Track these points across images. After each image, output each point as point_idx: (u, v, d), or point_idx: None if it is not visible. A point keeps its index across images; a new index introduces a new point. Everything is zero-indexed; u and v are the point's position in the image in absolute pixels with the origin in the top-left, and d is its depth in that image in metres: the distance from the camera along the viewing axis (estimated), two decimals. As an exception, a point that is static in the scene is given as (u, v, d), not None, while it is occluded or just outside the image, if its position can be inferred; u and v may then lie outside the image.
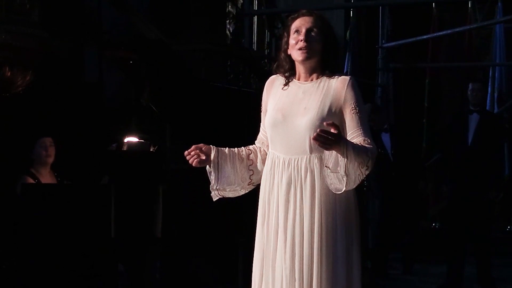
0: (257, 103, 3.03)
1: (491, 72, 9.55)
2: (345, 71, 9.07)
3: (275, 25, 9.90)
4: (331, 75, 2.85)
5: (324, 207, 2.77)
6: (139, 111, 4.72)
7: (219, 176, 2.93)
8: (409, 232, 7.37)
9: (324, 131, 2.60)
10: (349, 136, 2.77)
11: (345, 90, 2.80)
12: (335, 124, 2.63)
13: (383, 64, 9.54)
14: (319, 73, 2.87)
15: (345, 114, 2.79)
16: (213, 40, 7.74)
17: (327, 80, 2.84)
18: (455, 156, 6.07)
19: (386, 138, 6.85)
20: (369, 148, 2.73)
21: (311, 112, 2.79)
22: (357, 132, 2.78)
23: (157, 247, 4.42)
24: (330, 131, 2.61)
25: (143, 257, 4.38)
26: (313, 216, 2.76)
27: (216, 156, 2.91)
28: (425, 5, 9.94)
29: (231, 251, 4.52)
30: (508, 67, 9.50)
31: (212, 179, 2.94)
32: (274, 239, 2.84)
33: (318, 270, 2.74)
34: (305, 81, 2.89)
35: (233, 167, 2.93)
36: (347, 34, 9.80)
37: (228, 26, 9.14)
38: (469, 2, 9.63)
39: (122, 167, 4.37)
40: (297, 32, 2.86)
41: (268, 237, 2.87)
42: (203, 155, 2.91)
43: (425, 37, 9.42)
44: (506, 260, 7.51)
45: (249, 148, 3.01)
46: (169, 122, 4.49)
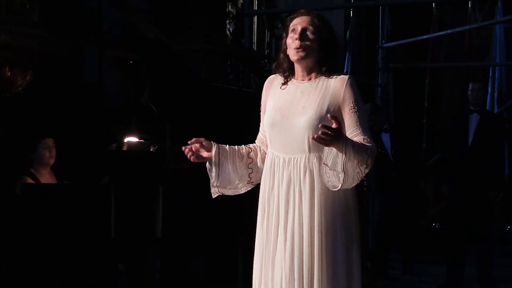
0: (257, 103, 3.03)
1: (491, 72, 9.56)
2: (345, 71, 9.07)
3: (275, 25, 9.91)
4: (329, 74, 2.84)
5: (324, 206, 2.76)
6: (139, 111, 4.72)
7: (219, 173, 2.92)
8: (409, 232, 7.37)
9: (325, 127, 2.60)
10: (348, 135, 2.76)
11: (344, 89, 2.79)
12: (337, 118, 2.63)
13: (383, 64, 9.54)
14: (317, 72, 2.86)
15: (343, 113, 2.79)
16: (213, 40, 7.75)
17: (325, 79, 2.84)
18: (455, 156, 6.07)
19: (386, 138, 6.84)
20: (368, 147, 2.73)
21: (309, 112, 2.79)
22: (356, 131, 2.77)
23: (157, 247, 4.42)
24: (330, 127, 2.60)
25: (143, 257, 4.38)
26: (313, 216, 2.76)
27: (217, 153, 2.90)
28: (425, 5, 9.95)
29: (231, 251, 4.52)
30: (508, 67, 9.51)
31: (212, 176, 2.93)
32: (274, 238, 2.84)
33: (319, 270, 2.74)
34: (303, 80, 2.89)
35: (233, 165, 2.92)
36: (347, 34, 9.80)
37: (228, 26, 9.14)
38: (469, 2, 9.64)
39: (122, 167, 4.37)
40: (293, 31, 2.86)
41: (268, 236, 2.86)
42: (203, 151, 2.90)
43: (425, 37, 9.42)
44: (506, 260, 7.51)
45: (249, 146, 3.00)
46: (169, 122, 4.49)
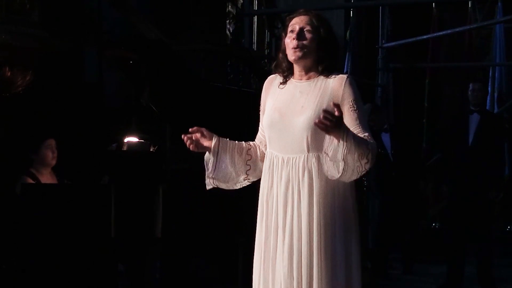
0: (257, 103, 3.03)
1: (491, 72, 9.56)
2: (345, 71, 9.07)
3: (275, 25, 9.91)
4: (328, 74, 2.84)
5: (322, 206, 2.76)
6: (139, 111, 4.72)
7: (217, 165, 2.91)
8: (409, 232, 7.37)
9: (327, 111, 2.59)
10: None
11: (343, 88, 2.78)
12: (339, 106, 2.62)
13: (383, 64, 9.54)
14: (315, 72, 2.86)
15: (343, 112, 2.75)
16: (213, 40, 7.75)
17: (324, 79, 2.83)
18: (455, 156, 6.07)
19: (386, 138, 6.84)
20: (369, 142, 2.72)
21: (308, 111, 2.78)
22: (357, 129, 2.76)
23: (157, 247, 4.42)
24: (332, 113, 2.59)
25: (143, 257, 4.38)
26: (311, 215, 2.76)
27: (216, 144, 2.89)
28: (425, 5, 9.94)
29: (231, 251, 4.52)
30: (508, 67, 9.51)
31: (210, 166, 2.91)
32: (273, 238, 2.84)
33: (318, 269, 2.74)
34: (302, 80, 2.88)
35: (231, 159, 2.91)
36: (347, 34, 9.80)
37: (228, 26, 9.14)
38: (469, 2, 9.64)
39: (122, 167, 4.37)
40: (291, 31, 2.86)
41: (267, 236, 2.86)
42: (204, 140, 2.88)
43: (425, 37, 9.42)
44: (506, 260, 7.51)
45: (249, 143, 3.00)
46: (169, 122, 4.49)
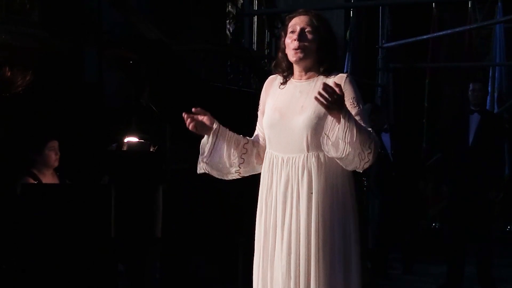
0: (257, 103, 3.03)
1: (491, 72, 9.56)
2: (345, 71, 9.05)
3: (275, 25, 9.91)
4: (328, 74, 2.84)
5: (321, 206, 2.76)
6: (139, 111, 4.72)
7: (213, 151, 2.89)
8: (409, 232, 7.37)
9: (326, 85, 2.58)
10: None
11: (343, 86, 2.75)
12: (341, 88, 2.61)
13: (383, 64, 9.55)
14: (316, 71, 2.86)
15: None
16: (213, 40, 7.75)
17: (324, 78, 2.82)
18: (455, 156, 6.07)
19: (386, 138, 6.84)
20: (371, 132, 2.71)
21: (308, 111, 2.78)
22: None
23: (157, 247, 4.42)
24: (333, 88, 2.58)
25: (143, 257, 4.38)
26: (310, 215, 2.76)
27: (217, 129, 2.88)
28: (425, 5, 9.95)
29: (231, 251, 4.52)
30: (508, 67, 9.51)
31: (205, 151, 2.89)
32: (272, 238, 2.84)
33: (315, 269, 2.74)
34: (302, 80, 2.88)
35: (228, 148, 2.90)
36: (347, 34, 9.81)
37: (228, 26, 9.14)
38: (469, 2, 9.64)
39: (122, 167, 4.37)
40: (292, 32, 2.85)
41: (266, 236, 2.86)
42: (205, 122, 2.86)
43: (425, 37, 9.43)
44: (506, 260, 7.51)
45: (247, 138, 2.98)
46: (169, 122, 4.49)
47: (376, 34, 9.71)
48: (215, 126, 2.87)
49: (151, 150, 4.55)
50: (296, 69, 2.89)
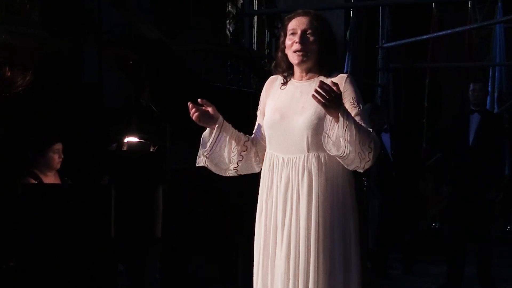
0: (257, 103, 3.03)
1: (491, 72, 9.56)
2: (345, 71, 9.05)
3: (275, 25, 9.91)
4: (328, 74, 2.83)
5: (321, 206, 2.75)
6: (139, 111, 4.71)
7: (214, 145, 2.88)
8: (409, 232, 7.37)
9: (327, 85, 2.57)
10: None
11: (343, 86, 2.76)
12: (338, 85, 2.61)
13: (383, 64, 9.55)
14: (316, 72, 2.85)
15: None
16: (213, 40, 7.75)
17: (324, 79, 2.81)
18: (455, 156, 6.07)
19: (386, 138, 6.84)
20: (371, 132, 2.70)
21: (308, 111, 2.78)
22: None
23: (157, 247, 4.42)
24: (330, 86, 2.58)
25: (143, 257, 4.38)
26: (310, 215, 2.75)
27: (220, 124, 2.87)
28: (425, 5, 9.95)
29: (231, 251, 4.52)
30: (508, 67, 9.51)
31: (206, 145, 2.88)
32: (272, 239, 2.84)
33: (314, 269, 2.73)
34: (302, 80, 2.88)
35: (229, 143, 2.89)
36: (347, 34, 9.80)
37: (228, 26, 9.15)
38: (469, 2, 9.64)
39: (122, 167, 4.36)
40: (292, 33, 2.84)
41: (266, 237, 2.86)
42: (211, 109, 2.85)
43: (425, 37, 9.43)
44: (506, 260, 7.51)
45: (247, 136, 2.97)
46: (169, 122, 4.49)
47: (376, 34, 9.71)
48: (219, 120, 2.86)
49: (151, 150, 4.55)
50: (297, 70, 2.89)
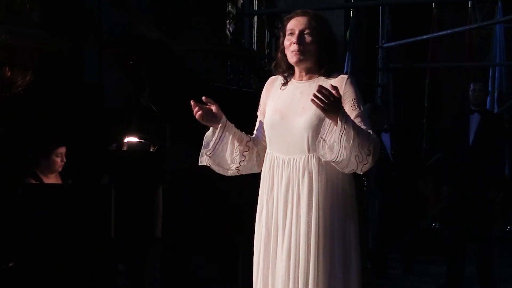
0: (257, 103, 3.03)
1: (491, 72, 9.55)
2: (345, 71, 9.06)
3: (275, 25, 9.91)
4: (329, 74, 2.83)
5: (321, 207, 2.75)
6: (139, 111, 4.71)
7: (217, 145, 2.87)
8: (409, 232, 7.37)
9: (326, 89, 2.57)
10: None
11: (343, 87, 2.76)
12: (338, 90, 2.60)
13: (383, 64, 9.54)
14: (316, 72, 2.85)
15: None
16: (213, 40, 7.75)
17: (325, 80, 2.81)
18: (455, 156, 6.07)
19: (386, 138, 6.84)
20: (371, 134, 2.69)
21: (309, 112, 2.77)
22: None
23: (157, 247, 4.42)
24: (329, 90, 2.57)
25: (143, 257, 4.38)
26: (310, 216, 2.75)
27: (224, 124, 2.86)
28: (425, 5, 9.94)
29: (231, 251, 4.52)
30: (508, 67, 9.51)
31: (210, 144, 2.88)
32: (273, 240, 2.83)
33: (314, 270, 2.73)
34: (302, 80, 2.88)
35: (231, 143, 2.89)
36: (347, 34, 9.80)
37: (228, 26, 9.15)
38: (469, 2, 9.64)
39: (122, 167, 4.36)
40: (291, 34, 2.84)
41: (267, 238, 2.85)
42: (214, 108, 2.85)
43: (425, 37, 9.42)
44: (506, 260, 7.51)
45: (249, 136, 2.97)
46: (169, 122, 4.49)
47: (376, 34, 9.71)
48: (223, 120, 2.86)
49: (151, 150, 4.55)
50: (297, 70, 2.89)
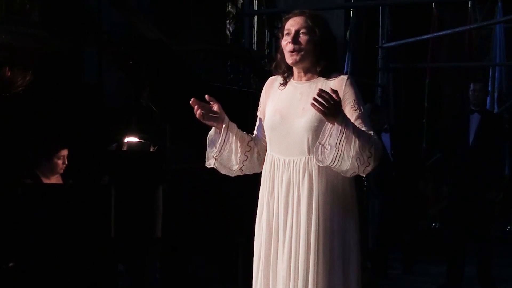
0: (257, 103, 3.03)
1: (491, 72, 9.56)
2: (345, 71, 9.06)
3: (275, 25, 9.91)
4: (328, 75, 2.81)
5: (322, 209, 2.74)
6: (139, 111, 4.72)
7: (223, 146, 2.86)
8: (409, 232, 7.37)
9: (326, 92, 2.56)
10: None
11: (343, 89, 2.75)
12: (338, 93, 2.59)
13: (383, 64, 9.55)
14: (315, 72, 2.83)
15: (345, 113, 2.72)
16: (213, 40, 7.75)
17: (325, 80, 2.80)
18: (455, 156, 6.07)
19: (386, 138, 6.83)
20: (372, 136, 2.68)
21: (309, 113, 2.75)
22: (360, 128, 2.71)
23: (157, 247, 4.42)
24: (329, 94, 2.56)
25: (143, 257, 4.38)
26: (310, 217, 2.74)
27: (227, 125, 2.85)
28: (425, 5, 9.94)
29: (231, 251, 4.52)
30: (508, 67, 9.51)
31: (216, 146, 2.86)
32: (274, 241, 2.83)
33: (314, 270, 2.72)
34: (301, 80, 2.86)
35: (235, 144, 2.87)
36: (347, 34, 9.80)
37: (228, 26, 9.15)
38: (469, 2, 9.63)
39: (122, 167, 4.37)
40: (287, 34, 2.82)
41: (268, 239, 2.85)
42: (217, 107, 2.84)
43: (425, 37, 9.43)
44: (506, 260, 7.51)
45: (250, 136, 2.96)
46: (169, 122, 4.49)
47: (376, 34, 9.71)
48: (226, 121, 2.85)
49: (151, 150, 4.55)
50: (295, 70, 2.87)
